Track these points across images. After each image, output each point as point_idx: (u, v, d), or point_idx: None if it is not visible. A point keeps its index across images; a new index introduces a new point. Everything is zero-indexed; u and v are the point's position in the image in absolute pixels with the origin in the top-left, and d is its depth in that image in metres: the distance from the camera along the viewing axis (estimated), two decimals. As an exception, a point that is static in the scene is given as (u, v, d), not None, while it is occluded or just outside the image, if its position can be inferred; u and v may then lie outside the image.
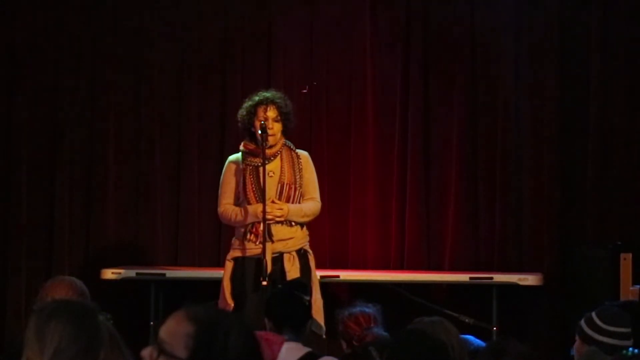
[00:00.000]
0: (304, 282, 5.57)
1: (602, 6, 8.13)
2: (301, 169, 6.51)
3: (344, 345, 5.74)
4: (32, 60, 8.50)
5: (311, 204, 6.53)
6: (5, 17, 8.53)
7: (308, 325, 4.97)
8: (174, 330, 2.32)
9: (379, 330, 5.62)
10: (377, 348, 4.19)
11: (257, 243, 6.37)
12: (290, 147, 6.55)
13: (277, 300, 4.92)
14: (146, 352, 2.34)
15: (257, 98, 6.50)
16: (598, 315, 4.35)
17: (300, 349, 4.70)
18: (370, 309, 5.77)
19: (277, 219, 6.37)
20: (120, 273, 7.76)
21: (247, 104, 6.53)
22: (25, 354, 2.66)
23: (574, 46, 8.19)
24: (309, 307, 4.97)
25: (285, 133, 6.53)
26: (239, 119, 6.54)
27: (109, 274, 7.77)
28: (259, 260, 6.29)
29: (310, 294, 5.10)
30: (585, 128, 8.13)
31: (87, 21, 8.50)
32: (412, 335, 3.73)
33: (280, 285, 5.28)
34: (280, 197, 6.44)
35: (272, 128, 6.39)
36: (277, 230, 6.39)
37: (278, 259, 6.36)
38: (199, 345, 2.28)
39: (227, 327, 2.31)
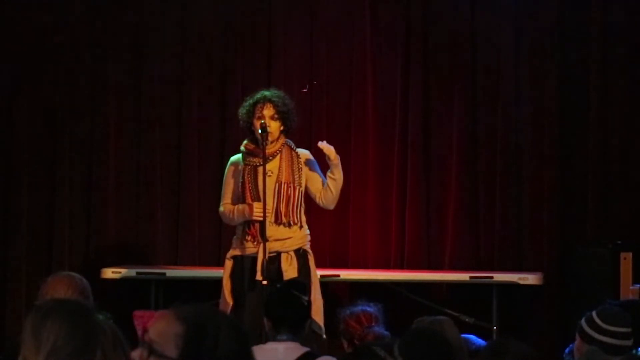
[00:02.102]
0: (302, 282, 5.55)
1: (602, 6, 8.13)
2: (301, 168, 6.50)
3: (345, 344, 5.75)
4: (32, 59, 8.50)
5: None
6: (5, 17, 8.53)
7: (307, 325, 4.96)
8: (164, 330, 2.32)
9: (380, 329, 5.63)
10: (383, 348, 4.19)
11: (255, 243, 6.38)
12: (290, 146, 6.54)
13: (275, 300, 4.91)
14: (136, 353, 2.34)
15: (255, 96, 6.52)
16: (598, 315, 4.34)
17: (299, 349, 4.69)
18: (371, 308, 5.78)
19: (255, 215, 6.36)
20: (120, 272, 7.76)
21: (247, 102, 6.55)
22: (22, 353, 2.66)
23: (574, 46, 8.19)
24: (307, 306, 4.96)
25: (285, 132, 6.52)
26: (240, 118, 6.56)
27: (109, 273, 7.77)
28: (256, 259, 6.29)
29: (309, 294, 5.09)
30: (585, 128, 8.13)
31: (87, 21, 8.50)
32: (423, 335, 3.72)
33: (278, 285, 5.28)
34: (278, 197, 6.42)
35: (269, 126, 6.39)
36: (276, 230, 6.39)
37: (275, 259, 6.36)
38: (189, 344, 2.28)
39: (216, 326, 2.31)
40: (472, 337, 5.11)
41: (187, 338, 2.28)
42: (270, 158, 6.44)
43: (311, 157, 6.61)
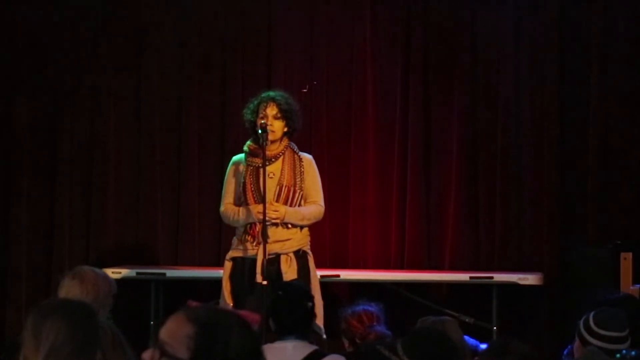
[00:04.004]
0: (305, 287, 5.50)
1: (602, 6, 8.13)
2: (302, 172, 6.49)
3: (346, 343, 5.76)
4: (32, 60, 8.50)
5: (312, 208, 6.50)
6: (5, 17, 8.53)
7: (312, 326, 4.99)
8: (175, 331, 2.32)
9: (381, 329, 5.64)
10: (387, 347, 4.18)
11: (255, 244, 6.36)
12: (293, 149, 6.53)
13: (280, 308, 4.91)
14: (147, 354, 2.34)
15: (260, 96, 6.52)
16: (594, 318, 4.34)
17: (307, 347, 4.73)
18: (373, 308, 5.79)
19: (273, 221, 6.35)
20: (120, 272, 7.75)
21: (251, 103, 6.54)
22: (22, 352, 2.67)
23: (574, 46, 8.19)
24: (311, 310, 4.98)
25: (289, 134, 6.50)
26: (244, 119, 6.54)
27: (109, 273, 7.74)
28: (256, 260, 6.28)
29: (311, 296, 5.09)
30: (585, 128, 8.13)
31: (87, 22, 8.50)
32: (428, 335, 3.71)
33: (281, 292, 5.24)
34: (278, 199, 6.42)
35: (271, 125, 6.38)
36: (275, 232, 6.37)
37: (275, 260, 6.35)
38: (200, 345, 2.28)
39: (227, 327, 2.31)
40: (465, 337, 5.12)
41: (198, 339, 2.29)
42: (273, 160, 6.43)
43: (313, 163, 6.59)
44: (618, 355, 3.95)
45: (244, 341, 2.31)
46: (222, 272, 6.55)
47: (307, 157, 6.57)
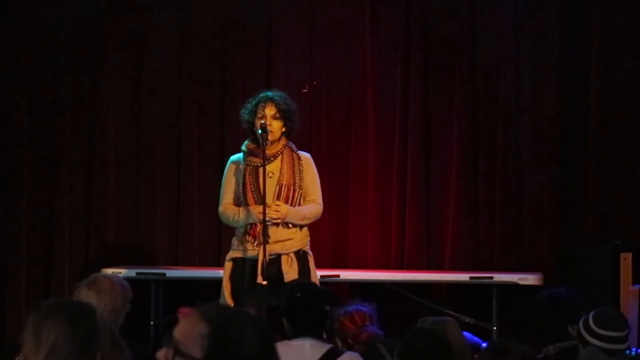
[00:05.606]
0: (324, 291, 5.43)
1: (602, 6, 8.13)
2: (302, 170, 6.48)
3: (339, 343, 5.75)
4: (32, 60, 8.50)
5: (312, 207, 6.49)
6: (5, 17, 8.53)
7: (327, 326, 5.03)
8: (188, 330, 2.33)
9: (374, 328, 5.64)
10: (386, 346, 4.19)
11: (255, 244, 6.36)
12: (292, 148, 6.52)
13: (298, 310, 4.91)
14: (161, 353, 2.36)
15: (258, 96, 6.51)
16: (593, 318, 4.35)
17: (323, 347, 4.76)
18: (365, 308, 5.79)
19: (274, 221, 6.34)
20: (120, 272, 7.76)
21: (249, 103, 6.53)
22: (22, 352, 2.67)
23: (574, 46, 8.20)
24: (328, 313, 4.99)
25: (287, 134, 6.50)
26: (242, 119, 6.54)
27: (109, 273, 7.76)
28: (257, 261, 6.28)
29: (329, 300, 5.10)
30: (585, 128, 8.13)
31: (87, 22, 8.50)
32: (422, 335, 3.73)
33: (299, 294, 5.19)
34: (278, 199, 6.40)
35: (270, 125, 6.38)
36: (275, 232, 6.36)
37: (275, 261, 6.34)
38: (214, 344, 2.29)
39: (241, 326, 2.32)
40: (467, 334, 5.12)
41: (212, 338, 2.30)
42: (272, 159, 6.42)
43: (312, 161, 6.58)
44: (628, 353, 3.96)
45: (257, 339, 2.32)
46: (222, 273, 6.54)
47: (305, 156, 6.56)
